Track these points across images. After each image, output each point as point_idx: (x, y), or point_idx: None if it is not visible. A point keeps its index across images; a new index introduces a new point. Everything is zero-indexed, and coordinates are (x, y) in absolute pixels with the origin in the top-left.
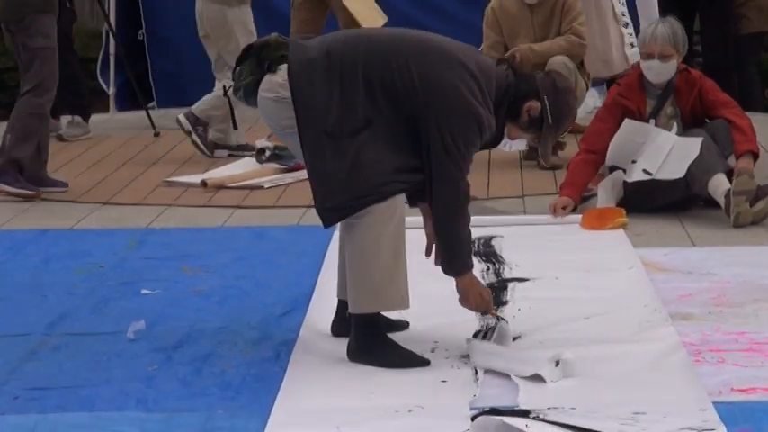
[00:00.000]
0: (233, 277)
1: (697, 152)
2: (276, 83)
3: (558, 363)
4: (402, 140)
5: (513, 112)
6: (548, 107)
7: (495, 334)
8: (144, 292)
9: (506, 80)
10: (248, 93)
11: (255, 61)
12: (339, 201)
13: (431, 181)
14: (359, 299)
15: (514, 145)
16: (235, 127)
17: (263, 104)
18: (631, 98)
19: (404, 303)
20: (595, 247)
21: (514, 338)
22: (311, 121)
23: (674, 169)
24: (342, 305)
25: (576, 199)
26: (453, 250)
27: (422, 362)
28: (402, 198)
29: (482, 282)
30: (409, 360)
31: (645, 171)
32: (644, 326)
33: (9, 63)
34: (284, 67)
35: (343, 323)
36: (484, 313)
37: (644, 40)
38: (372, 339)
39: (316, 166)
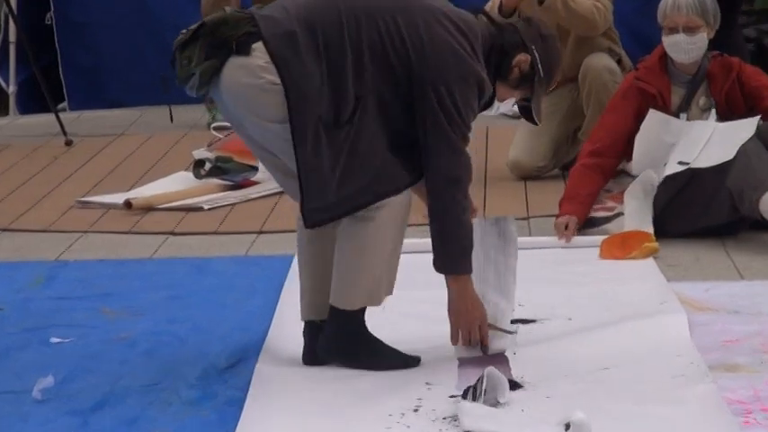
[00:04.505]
0: (165, 321)
1: (752, 132)
2: (256, 66)
3: (568, 426)
4: (395, 118)
5: (502, 70)
6: (537, 58)
7: (485, 383)
8: (54, 340)
9: (489, 34)
10: (205, 81)
11: (209, 42)
12: (329, 201)
13: (426, 154)
14: (351, 295)
15: (502, 107)
16: (171, 120)
17: (243, 93)
18: (653, 82)
19: (389, 294)
20: (618, 281)
21: (514, 387)
22: (306, 108)
23: (719, 153)
24: (311, 328)
25: (580, 215)
26: (450, 241)
27: (412, 361)
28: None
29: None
30: (397, 360)
31: (680, 162)
32: (678, 382)
33: None
34: (259, 45)
35: (315, 350)
36: (466, 340)
37: (665, 11)
38: (354, 335)
39: (310, 163)
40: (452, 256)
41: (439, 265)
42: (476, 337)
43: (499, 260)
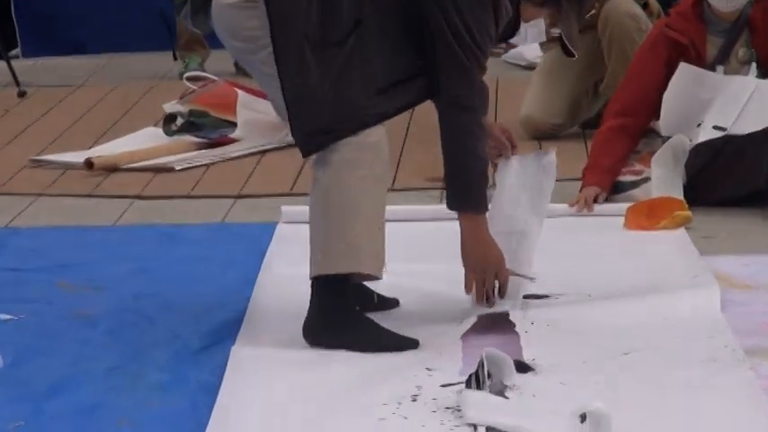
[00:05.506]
0: (131, 297)
1: None
2: None
3: (584, 417)
4: (397, 42)
5: None
6: None
7: (486, 366)
8: (3, 317)
9: None
10: (196, 7)
11: None
12: (323, 123)
13: (439, 83)
14: (330, 256)
15: (529, 33)
16: (175, 58)
17: (222, 15)
18: (685, 30)
19: (379, 270)
20: (645, 254)
21: (524, 370)
22: (289, 27)
23: (759, 117)
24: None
25: (606, 185)
26: (461, 173)
27: (409, 344)
28: (386, 139)
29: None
30: (392, 342)
31: (716, 127)
32: (710, 368)
33: None
34: None
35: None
36: (479, 294)
37: None
38: (339, 311)
39: (295, 81)
40: (463, 190)
41: (450, 201)
42: (491, 281)
43: (534, 187)
